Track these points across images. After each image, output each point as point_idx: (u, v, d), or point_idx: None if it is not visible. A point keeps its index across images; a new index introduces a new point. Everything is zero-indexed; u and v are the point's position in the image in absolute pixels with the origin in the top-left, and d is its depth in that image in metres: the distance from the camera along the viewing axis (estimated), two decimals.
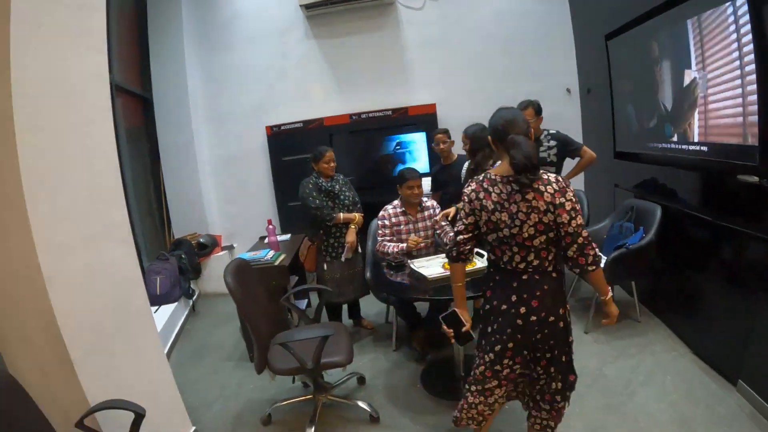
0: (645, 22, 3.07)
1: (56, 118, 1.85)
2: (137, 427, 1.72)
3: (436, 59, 4.50)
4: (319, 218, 3.12)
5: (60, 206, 1.84)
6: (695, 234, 2.82)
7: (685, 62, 2.71)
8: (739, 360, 2.36)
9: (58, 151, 1.84)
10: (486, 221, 1.67)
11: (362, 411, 2.53)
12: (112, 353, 2.02)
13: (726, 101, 2.38)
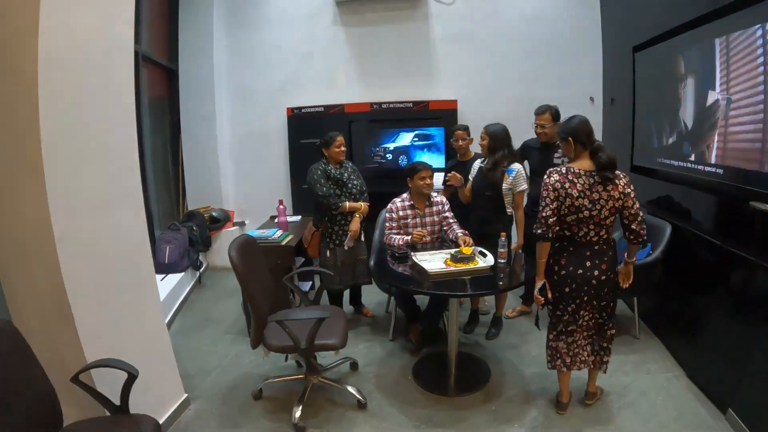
0: (673, 37, 3.03)
1: (79, 85, 1.92)
2: (129, 387, 1.79)
3: (461, 56, 4.48)
4: (326, 206, 3.15)
5: (76, 170, 1.91)
6: (703, 257, 2.78)
7: (709, 82, 2.67)
8: (731, 389, 2.33)
9: (78, 117, 1.91)
10: (569, 205, 2.13)
11: (351, 396, 2.58)
12: (112, 315, 2.10)
13: (747, 125, 2.35)
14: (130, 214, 2.24)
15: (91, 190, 2.00)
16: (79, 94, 1.92)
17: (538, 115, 3.21)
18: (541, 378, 2.76)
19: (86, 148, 1.96)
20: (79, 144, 1.92)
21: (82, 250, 1.94)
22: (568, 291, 2.25)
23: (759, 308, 2.20)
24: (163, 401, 2.41)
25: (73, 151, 1.89)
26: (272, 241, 3.19)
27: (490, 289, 2.77)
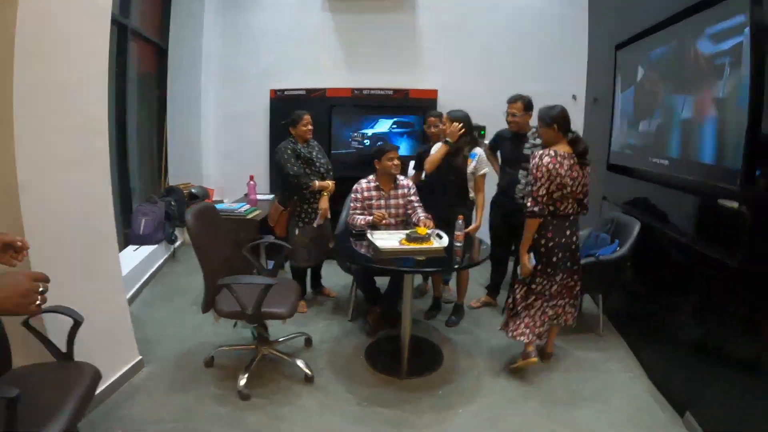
0: (648, 36, 3.05)
1: (55, 48, 2.01)
2: (74, 334, 1.86)
3: (446, 47, 4.54)
4: (295, 185, 3.20)
5: (45, 126, 2.00)
6: (671, 256, 2.78)
7: (679, 80, 2.70)
8: (690, 392, 2.32)
9: (51, 78, 2.00)
10: (558, 183, 2.44)
11: (299, 370, 2.62)
12: (70, 268, 2.17)
13: (713, 123, 2.36)
14: (95, 175, 2.33)
15: (59, 147, 2.08)
16: (54, 55, 2.00)
17: (511, 104, 3.24)
18: (494, 368, 2.79)
19: (57, 107, 2.05)
20: (50, 102, 2.01)
21: (45, 202, 2.02)
22: (555, 260, 2.57)
23: (720, 310, 2.19)
24: (116, 360, 2.48)
25: (44, 107, 1.97)
26: (237, 214, 3.25)
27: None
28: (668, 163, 2.78)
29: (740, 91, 2.07)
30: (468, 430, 2.28)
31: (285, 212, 3.34)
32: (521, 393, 2.56)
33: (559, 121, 2.51)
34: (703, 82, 2.44)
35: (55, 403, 1.55)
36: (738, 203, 2.07)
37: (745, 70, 2.02)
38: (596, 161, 3.78)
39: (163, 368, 2.69)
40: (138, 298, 3.59)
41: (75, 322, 1.85)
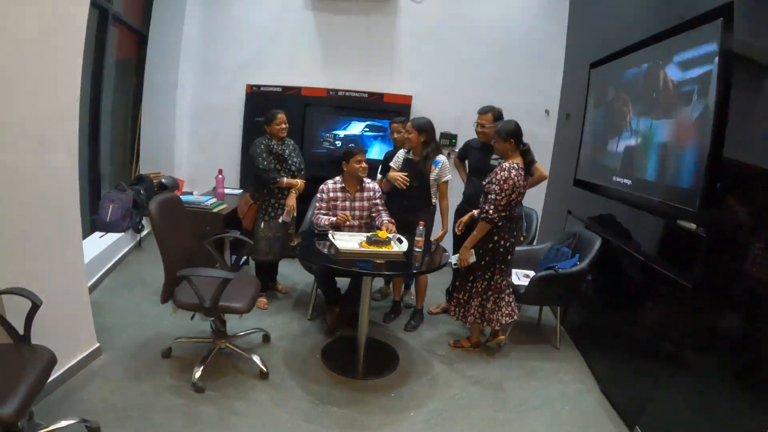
0: (621, 56, 3.18)
1: (30, 28, 2.03)
2: (32, 316, 1.90)
3: (424, 53, 4.65)
4: (264, 179, 3.28)
5: (14, 108, 2.02)
6: (628, 273, 2.88)
7: (647, 103, 2.83)
8: (640, 406, 2.38)
9: (22, 58, 2.02)
10: (518, 193, 2.78)
11: (255, 365, 2.68)
12: (32, 251, 2.21)
13: (677, 146, 2.47)
14: (63, 158, 2.36)
15: (27, 128, 2.10)
16: (28, 35, 2.03)
17: (481, 115, 3.36)
18: (449, 373, 2.89)
19: (28, 88, 2.08)
20: (17, 85, 2.03)
21: (10, 183, 2.04)
22: (510, 258, 2.94)
23: (671, 326, 2.28)
24: (74, 345, 2.52)
25: (8, 89, 1.99)
26: (203, 207, 3.30)
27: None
28: (631, 182, 2.90)
29: (705, 118, 2.16)
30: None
31: (254, 206, 3.43)
32: (473, 399, 2.65)
33: (515, 135, 2.81)
34: (669, 106, 2.56)
35: (10, 384, 1.61)
36: (696, 225, 2.15)
37: (711, 98, 2.11)
38: (564, 175, 3.94)
39: (121, 356, 2.73)
40: (101, 285, 3.61)
41: (33, 304, 1.90)
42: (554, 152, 4.47)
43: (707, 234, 2.06)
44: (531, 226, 3.86)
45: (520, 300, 3.22)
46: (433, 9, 4.56)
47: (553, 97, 4.49)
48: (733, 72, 2.03)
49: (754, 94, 2.02)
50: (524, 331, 3.55)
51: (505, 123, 2.88)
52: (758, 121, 1.94)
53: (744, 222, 1.98)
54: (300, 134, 4.46)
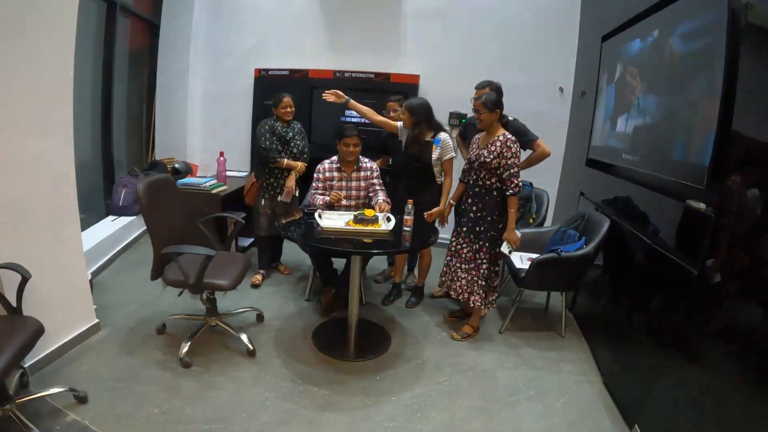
0: (628, 27, 3.03)
1: (21, 18, 2.16)
2: (22, 289, 2.07)
3: (431, 33, 4.58)
4: (264, 158, 3.40)
5: (10, 95, 2.16)
6: (638, 258, 2.74)
7: (653, 76, 2.69)
8: (641, 402, 2.25)
9: (13, 48, 2.14)
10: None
11: (242, 344, 2.76)
12: (29, 230, 2.36)
13: (684, 120, 2.35)
14: (58, 143, 2.51)
15: (23, 115, 2.25)
16: (19, 25, 2.15)
17: (478, 89, 3.31)
18: (439, 359, 2.86)
19: (22, 76, 2.21)
20: (13, 73, 2.16)
21: (6, 167, 2.19)
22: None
23: (679, 319, 2.12)
24: (71, 321, 2.69)
25: (5, 78, 2.13)
26: (202, 188, 3.41)
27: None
28: (639, 159, 2.78)
29: (713, 90, 2.03)
30: (391, 418, 2.31)
31: (256, 184, 3.60)
32: (460, 387, 2.61)
33: (501, 106, 2.85)
34: (675, 78, 2.43)
35: None
36: (705, 205, 2.03)
37: (719, 69, 1.98)
38: (578, 157, 3.79)
39: (118, 332, 2.88)
40: (110, 266, 3.82)
41: (23, 278, 2.06)
42: (569, 131, 4.31)
43: (715, 214, 1.92)
44: (541, 207, 3.75)
45: (520, 285, 3.17)
46: None
47: (568, 75, 4.33)
48: (742, 40, 1.89)
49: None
50: (529, 318, 3.49)
51: (488, 94, 2.90)
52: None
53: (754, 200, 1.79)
54: (308, 116, 4.51)
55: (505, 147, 2.79)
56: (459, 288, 3.06)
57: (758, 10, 1.84)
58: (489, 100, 2.81)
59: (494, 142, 2.82)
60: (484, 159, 2.84)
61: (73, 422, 2.11)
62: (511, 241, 2.89)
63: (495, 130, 2.86)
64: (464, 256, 3.02)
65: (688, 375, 2.02)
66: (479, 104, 2.83)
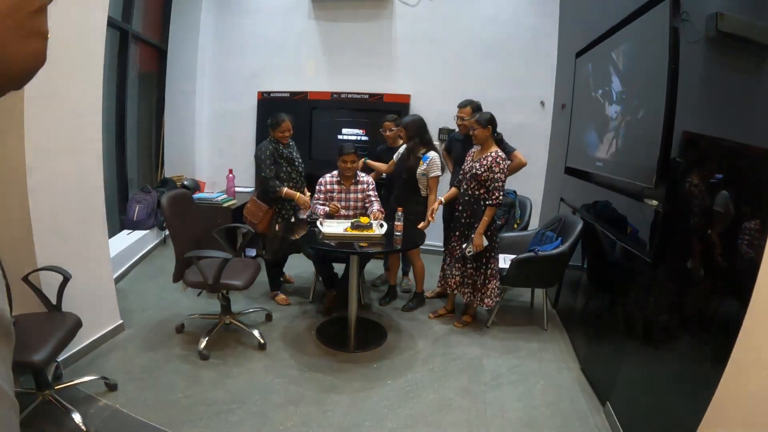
0: (595, 45, 3.49)
1: (58, 55, 2.57)
2: (63, 288, 2.50)
3: (420, 54, 5.09)
4: (266, 186, 3.61)
5: (48, 119, 2.60)
6: (609, 254, 3.10)
7: (609, 85, 3.15)
8: (612, 382, 2.57)
9: (54, 81, 2.57)
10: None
11: (255, 339, 3.18)
12: (66, 240, 2.80)
13: (636, 125, 2.73)
14: (89, 161, 2.97)
15: (59, 136, 2.69)
16: (57, 60, 2.56)
17: (460, 108, 3.76)
18: (431, 349, 3.27)
19: (58, 104, 2.65)
20: (53, 100, 2.60)
21: (47, 182, 2.62)
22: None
23: (640, 306, 2.43)
24: (99, 321, 3.09)
25: (47, 104, 2.55)
26: (214, 202, 3.87)
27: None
28: (602, 165, 3.21)
29: (658, 100, 2.35)
30: (387, 398, 2.69)
31: (270, 210, 3.69)
32: (449, 372, 3.00)
33: (493, 123, 3.29)
34: (629, 90, 2.86)
35: (42, 339, 2.18)
36: (657, 202, 2.35)
37: (663, 73, 2.31)
38: (559, 165, 4.25)
39: (140, 332, 3.31)
40: (128, 276, 4.27)
41: (64, 278, 2.49)
42: (551, 142, 4.77)
43: (664, 209, 2.27)
44: (525, 213, 4.20)
45: (503, 282, 3.56)
46: (428, 11, 5.00)
47: (549, 89, 4.81)
48: (682, 45, 2.24)
49: (703, 65, 2.20)
50: (515, 314, 3.89)
51: (482, 113, 3.36)
52: (709, 92, 2.12)
53: (699, 193, 2.07)
54: (308, 136, 5.01)
55: (495, 163, 3.24)
56: (453, 284, 3.53)
57: (688, 27, 2.23)
58: (483, 118, 3.27)
59: (487, 157, 3.27)
60: (475, 171, 3.29)
61: (106, 406, 2.49)
62: (474, 244, 3.32)
63: (489, 145, 3.33)
64: (456, 256, 3.48)
65: (646, 353, 2.36)
66: (473, 122, 3.30)
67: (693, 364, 2.03)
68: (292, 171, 3.71)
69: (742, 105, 1.93)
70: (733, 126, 1.98)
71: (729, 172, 1.96)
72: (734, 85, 2.02)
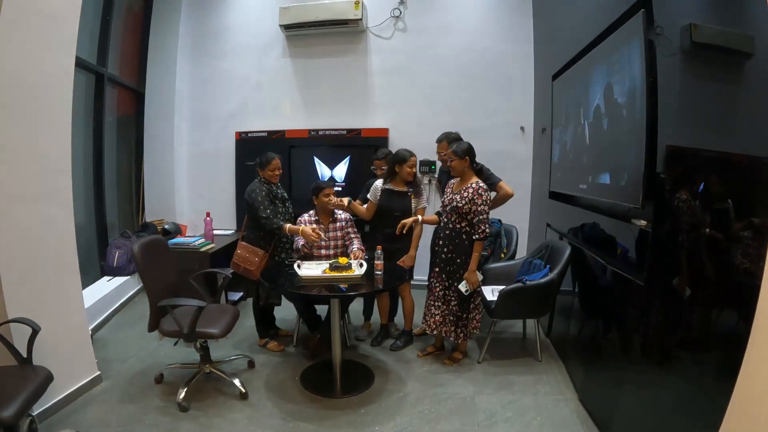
0: (570, 67, 3.59)
1: (23, 101, 2.68)
2: (32, 340, 2.49)
3: (396, 86, 5.22)
4: (267, 227, 3.54)
5: (16, 166, 2.65)
6: (601, 279, 3.11)
7: (589, 107, 3.21)
8: (612, 412, 2.55)
9: (19, 124, 2.64)
10: None
11: (236, 387, 3.15)
12: (37, 290, 2.81)
13: (619, 146, 2.76)
14: (58, 208, 2.99)
15: (28, 184, 2.74)
16: (20, 106, 2.66)
17: (438, 144, 3.84)
18: (421, 391, 3.23)
19: (25, 150, 2.70)
20: (19, 146, 2.66)
21: (15, 229, 2.66)
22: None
23: (632, 328, 2.46)
24: (75, 373, 3.08)
25: (13, 150, 2.61)
26: (191, 247, 3.89)
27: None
28: (587, 187, 3.24)
29: (638, 113, 2.41)
30: None
31: (266, 254, 3.64)
32: (441, 414, 2.96)
33: (470, 153, 3.30)
34: (608, 108, 2.91)
35: (11, 394, 2.17)
36: (645, 222, 2.37)
37: (641, 91, 2.36)
38: (542, 190, 4.31)
39: (119, 383, 3.29)
40: (108, 323, 4.27)
41: (33, 330, 2.49)
42: (533, 167, 4.85)
43: (653, 228, 2.27)
44: (511, 242, 4.23)
45: (491, 315, 3.56)
46: (402, 43, 5.17)
47: (528, 114, 4.92)
48: (659, 59, 2.27)
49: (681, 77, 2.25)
50: (507, 347, 3.88)
51: (458, 143, 3.38)
52: (690, 104, 2.16)
53: (688, 209, 2.09)
54: (288, 175, 5.05)
55: (477, 194, 3.26)
56: (433, 323, 3.50)
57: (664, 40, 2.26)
58: (459, 149, 3.29)
59: (467, 189, 3.29)
60: (456, 204, 3.30)
61: None
62: (470, 282, 3.34)
63: (468, 177, 3.35)
64: (436, 294, 3.48)
65: (646, 377, 2.34)
66: (450, 153, 3.33)
67: (697, 388, 2.01)
68: (284, 211, 3.72)
69: (723, 114, 1.98)
70: (717, 135, 2.01)
71: (717, 183, 1.97)
72: (714, 95, 2.06)
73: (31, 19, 2.69)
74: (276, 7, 5.15)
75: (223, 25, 5.55)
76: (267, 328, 3.95)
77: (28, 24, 2.67)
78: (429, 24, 5.13)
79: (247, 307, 4.02)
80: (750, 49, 1.84)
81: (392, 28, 5.19)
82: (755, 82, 1.83)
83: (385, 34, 5.16)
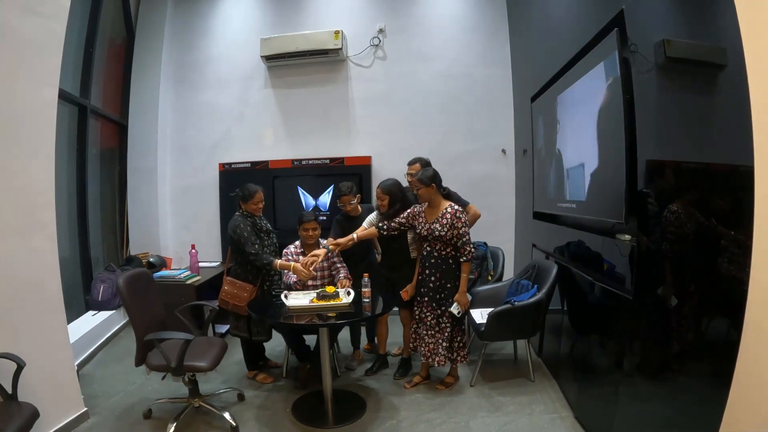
0: (548, 88, 3.73)
1: (6, 133, 2.74)
2: (17, 376, 2.50)
3: (378, 114, 5.38)
4: (256, 263, 3.55)
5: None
6: (589, 296, 3.15)
7: (567, 125, 3.33)
8: (610, 425, 2.56)
9: (1, 158, 2.70)
10: None
11: (226, 421, 3.16)
12: (20, 322, 2.82)
13: (599, 162, 2.87)
14: (42, 242, 3.02)
15: (9, 219, 2.78)
16: (3, 141, 2.72)
17: (410, 166, 3.93)
18: (413, 416, 3.26)
19: (7, 183, 2.75)
20: (1, 179, 2.70)
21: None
22: None
23: (624, 342, 2.51)
24: (61, 409, 3.07)
25: None
26: (177, 280, 3.94)
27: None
28: (575, 206, 3.31)
29: (616, 128, 2.47)
30: None
31: (255, 288, 3.66)
32: None
33: (436, 180, 3.37)
34: (587, 125, 3.01)
35: None
36: (630, 236, 2.42)
37: (619, 107, 2.42)
38: (526, 211, 4.43)
39: (106, 419, 3.28)
40: (95, 359, 4.26)
41: (18, 366, 2.50)
42: (516, 189, 4.99)
43: (638, 242, 2.34)
44: (497, 264, 4.33)
45: (481, 338, 3.63)
46: (382, 71, 5.35)
47: (509, 136, 5.08)
48: (635, 75, 2.36)
49: (658, 92, 2.33)
50: (499, 368, 3.92)
51: (423, 170, 3.46)
52: (667, 118, 2.24)
53: (673, 221, 2.14)
54: (272, 205, 5.18)
55: (455, 218, 3.33)
56: (427, 352, 3.53)
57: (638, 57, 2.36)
58: (425, 176, 3.34)
59: (444, 215, 3.35)
60: (438, 233, 3.35)
61: None
62: (461, 304, 3.41)
63: (439, 202, 3.41)
64: (428, 323, 3.50)
65: (641, 391, 2.39)
66: (415, 181, 3.40)
67: (692, 397, 2.07)
68: (269, 244, 3.73)
69: (700, 125, 2.06)
70: (695, 147, 2.09)
71: (698, 193, 2.05)
72: (690, 107, 2.15)
73: (14, 51, 2.77)
74: (257, 38, 5.31)
75: (205, 56, 5.70)
76: (256, 360, 3.97)
77: (10, 55, 2.75)
78: (408, 51, 5.33)
79: (235, 340, 4.03)
80: (722, 61, 1.92)
81: (372, 57, 5.38)
82: (729, 92, 1.90)
83: (365, 62, 5.34)
